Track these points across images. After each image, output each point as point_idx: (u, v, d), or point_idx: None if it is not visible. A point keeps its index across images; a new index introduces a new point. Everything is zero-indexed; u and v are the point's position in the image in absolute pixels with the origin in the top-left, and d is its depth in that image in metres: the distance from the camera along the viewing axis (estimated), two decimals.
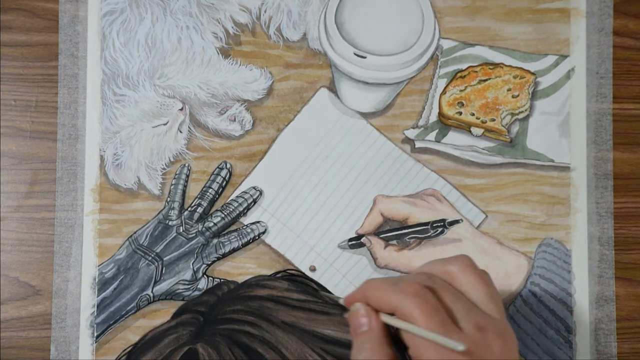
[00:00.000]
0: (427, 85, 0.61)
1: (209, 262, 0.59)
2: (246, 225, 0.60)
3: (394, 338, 0.40)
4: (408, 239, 0.59)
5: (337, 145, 0.61)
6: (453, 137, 0.61)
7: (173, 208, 0.59)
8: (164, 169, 0.60)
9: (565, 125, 0.61)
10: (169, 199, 0.60)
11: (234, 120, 0.61)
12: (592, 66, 0.61)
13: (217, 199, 0.60)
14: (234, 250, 0.59)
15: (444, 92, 0.60)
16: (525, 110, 0.60)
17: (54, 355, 0.58)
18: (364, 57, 0.56)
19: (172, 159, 0.60)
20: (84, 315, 0.58)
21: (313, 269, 0.60)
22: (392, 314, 0.39)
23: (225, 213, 0.59)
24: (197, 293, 0.58)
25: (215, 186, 0.60)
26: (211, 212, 0.60)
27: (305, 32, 0.61)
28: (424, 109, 0.61)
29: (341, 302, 0.42)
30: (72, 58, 0.60)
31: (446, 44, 0.61)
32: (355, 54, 0.56)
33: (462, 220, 0.57)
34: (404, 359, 0.39)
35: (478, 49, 0.61)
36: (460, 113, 0.60)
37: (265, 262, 0.60)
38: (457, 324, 0.37)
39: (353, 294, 0.41)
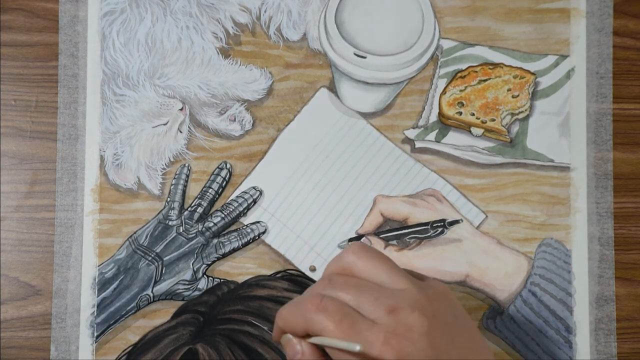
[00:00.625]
0: (427, 85, 0.61)
1: (209, 262, 0.59)
2: (246, 225, 0.60)
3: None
4: (408, 239, 0.59)
5: (337, 145, 0.61)
6: (453, 137, 0.61)
7: (173, 208, 0.59)
8: (164, 169, 0.60)
9: (565, 125, 0.61)
10: (169, 199, 0.60)
11: (234, 120, 0.61)
12: (592, 66, 0.61)
13: (217, 199, 0.60)
14: (234, 250, 0.59)
15: (444, 92, 0.60)
16: (525, 110, 0.60)
17: (54, 355, 0.58)
18: (364, 57, 0.56)
19: (172, 159, 0.60)
20: (84, 315, 0.58)
21: (313, 269, 0.60)
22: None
23: (225, 213, 0.59)
24: (197, 293, 0.58)
25: (215, 186, 0.60)
26: (211, 212, 0.60)
27: (305, 32, 0.61)
28: (424, 109, 0.61)
29: (284, 340, 0.40)
30: (72, 58, 0.60)
31: (446, 44, 0.61)
32: (355, 54, 0.56)
33: (462, 220, 0.57)
34: None
35: (478, 49, 0.61)
36: (460, 113, 0.60)
37: (265, 262, 0.60)
38: (369, 315, 0.36)
39: (275, 332, 0.40)
